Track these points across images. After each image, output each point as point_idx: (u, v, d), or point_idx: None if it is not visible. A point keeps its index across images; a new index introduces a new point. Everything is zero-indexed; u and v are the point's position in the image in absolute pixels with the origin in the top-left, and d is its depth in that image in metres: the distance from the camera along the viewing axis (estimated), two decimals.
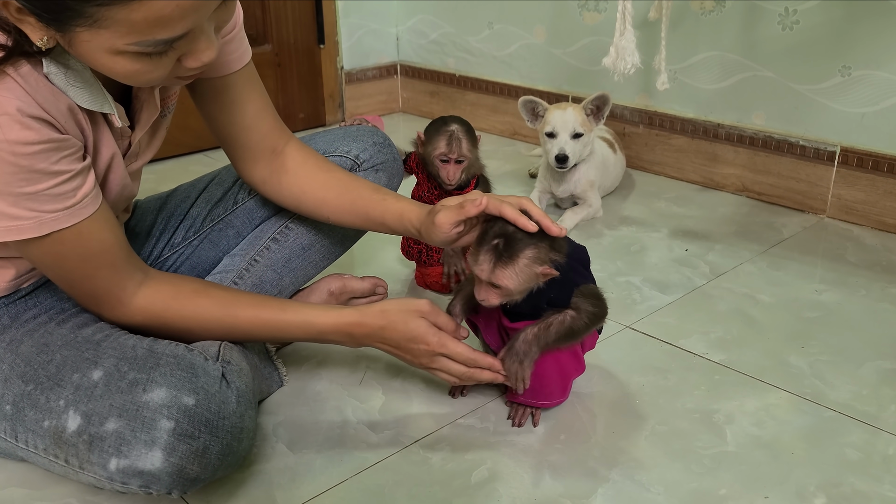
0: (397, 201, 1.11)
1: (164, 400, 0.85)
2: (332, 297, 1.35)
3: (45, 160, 0.81)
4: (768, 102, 1.90)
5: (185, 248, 1.22)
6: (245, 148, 1.13)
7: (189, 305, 1.00)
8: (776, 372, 1.23)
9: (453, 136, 1.39)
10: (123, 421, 0.84)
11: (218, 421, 0.87)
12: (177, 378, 0.87)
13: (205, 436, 0.86)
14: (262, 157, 1.14)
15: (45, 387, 0.89)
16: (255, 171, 1.15)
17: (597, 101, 1.76)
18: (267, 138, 1.13)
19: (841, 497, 0.97)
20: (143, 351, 0.91)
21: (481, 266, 0.97)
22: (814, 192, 1.86)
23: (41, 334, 0.95)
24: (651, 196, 2.01)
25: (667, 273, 1.58)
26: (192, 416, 0.85)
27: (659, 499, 0.97)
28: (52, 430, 0.87)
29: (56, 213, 0.84)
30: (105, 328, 0.97)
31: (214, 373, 0.91)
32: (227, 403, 0.89)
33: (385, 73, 2.78)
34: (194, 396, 0.86)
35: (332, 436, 1.09)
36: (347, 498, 0.98)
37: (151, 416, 0.84)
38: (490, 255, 0.97)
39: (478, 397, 1.18)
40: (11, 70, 0.77)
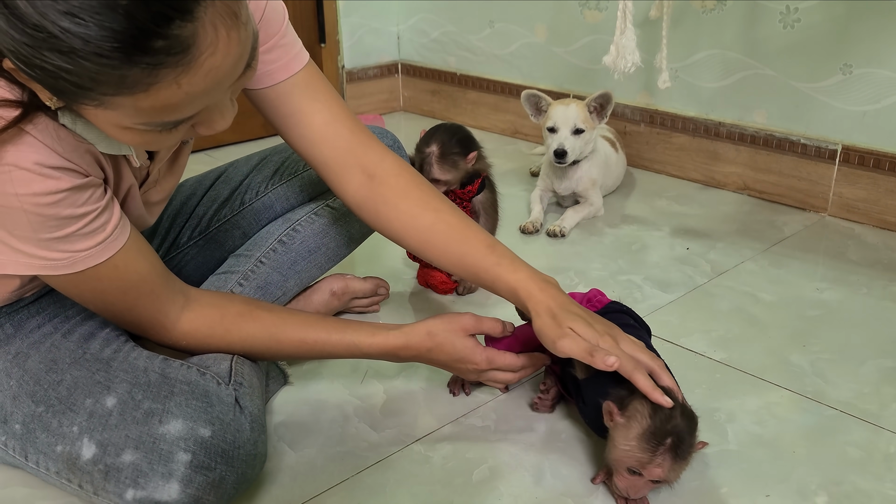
0: (513, 271, 1.01)
1: (180, 432, 0.85)
2: (334, 298, 1.35)
3: (70, 205, 0.79)
4: (769, 101, 1.90)
5: (191, 249, 1.22)
6: (325, 166, 1.05)
7: (234, 329, 0.99)
8: (777, 370, 1.23)
9: (426, 160, 1.38)
10: (140, 453, 0.84)
11: (233, 451, 0.87)
12: (192, 409, 0.87)
13: (221, 466, 0.86)
14: (350, 178, 1.05)
15: (56, 410, 0.88)
16: (345, 192, 1.06)
17: (600, 100, 1.75)
18: (347, 155, 1.04)
19: (842, 495, 0.97)
20: (156, 376, 0.90)
21: (659, 467, 0.89)
22: (815, 190, 1.86)
23: (47, 348, 0.94)
24: (652, 194, 2.00)
25: (668, 271, 1.58)
26: (208, 448, 0.85)
27: (661, 497, 0.97)
28: (65, 455, 0.87)
29: (89, 251, 0.83)
30: (112, 340, 0.96)
31: (228, 399, 0.91)
32: (241, 432, 0.89)
33: (386, 72, 2.78)
34: (210, 428, 0.86)
35: (334, 434, 1.09)
36: (349, 497, 0.98)
37: (168, 448, 0.84)
38: (669, 455, 0.88)
39: (479, 396, 1.18)
40: (28, 125, 0.74)
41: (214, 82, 0.68)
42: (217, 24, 0.64)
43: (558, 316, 0.95)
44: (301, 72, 1.00)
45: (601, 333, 0.94)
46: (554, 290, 0.99)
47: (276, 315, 1.03)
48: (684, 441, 0.89)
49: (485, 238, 1.04)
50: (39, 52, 0.61)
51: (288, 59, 0.99)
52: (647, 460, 0.89)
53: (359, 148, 1.04)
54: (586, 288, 1.44)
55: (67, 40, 0.60)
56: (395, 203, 1.05)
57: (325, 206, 1.25)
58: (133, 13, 0.59)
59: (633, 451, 0.90)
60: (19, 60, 0.63)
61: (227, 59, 0.67)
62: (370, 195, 1.05)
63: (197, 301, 0.99)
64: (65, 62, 0.61)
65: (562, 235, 1.75)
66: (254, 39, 0.71)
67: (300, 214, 1.24)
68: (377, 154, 1.05)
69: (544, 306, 0.97)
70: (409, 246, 1.07)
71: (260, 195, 1.24)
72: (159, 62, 0.62)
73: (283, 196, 1.26)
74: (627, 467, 0.91)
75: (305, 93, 1.01)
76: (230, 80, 0.70)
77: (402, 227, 1.05)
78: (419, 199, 1.05)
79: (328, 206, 1.25)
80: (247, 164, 1.28)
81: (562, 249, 1.70)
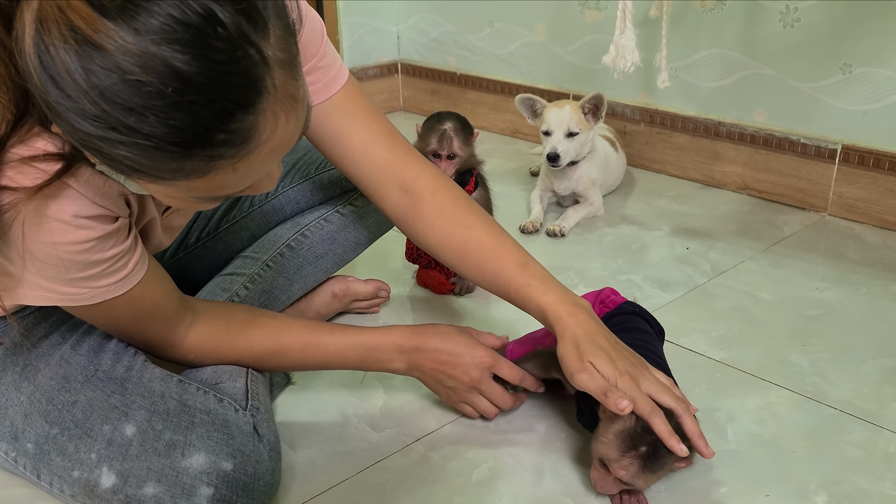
0: (543, 293, 0.99)
1: (203, 466, 0.85)
2: (335, 300, 1.35)
3: (100, 251, 0.79)
4: (769, 100, 1.90)
5: (199, 250, 1.22)
6: (365, 183, 1.06)
7: (240, 338, 1.00)
8: (777, 370, 1.23)
9: (445, 133, 1.41)
10: (163, 487, 0.84)
11: (253, 483, 0.88)
12: (214, 441, 0.87)
13: (242, 499, 0.87)
14: (388, 194, 1.06)
15: (72, 434, 0.88)
16: (385, 207, 1.08)
17: (593, 101, 1.75)
18: (384, 172, 1.04)
19: (842, 495, 0.97)
20: (175, 404, 0.90)
21: (624, 469, 0.90)
22: (815, 189, 1.86)
23: (57, 362, 0.93)
24: (652, 194, 2.00)
25: (668, 271, 1.58)
26: (230, 482, 0.86)
27: (660, 497, 0.97)
28: (82, 481, 0.87)
29: (109, 287, 0.83)
30: (122, 355, 0.95)
31: (247, 427, 0.91)
32: (261, 462, 0.90)
33: (386, 72, 2.78)
34: (232, 461, 0.87)
35: (333, 435, 1.09)
36: (348, 497, 0.98)
37: (191, 482, 0.84)
38: (637, 461, 0.89)
39: None
40: (70, 178, 0.73)
41: (270, 160, 0.68)
42: (277, 110, 0.64)
43: (581, 346, 0.93)
44: (341, 91, 0.99)
45: (621, 373, 0.91)
46: (583, 316, 0.96)
47: (280, 321, 1.04)
48: (658, 456, 0.89)
49: (517, 256, 1.03)
50: (99, 140, 0.60)
51: (327, 80, 0.98)
52: (614, 458, 0.90)
53: (397, 165, 1.05)
54: (586, 288, 1.44)
55: (130, 135, 0.59)
56: (431, 220, 1.05)
57: (335, 212, 1.25)
58: (198, 112, 0.59)
59: (607, 444, 0.91)
60: (75, 140, 0.63)
61: (285, 140, 0.67)
62: (407, 211, 1.06)
63: (202, 314, 0.99)
64: (125, 150, 0.61)
65: (562, 235, 1.75)
66: (307, 110, 0.70)
67: (309, 219, 1.24)
68: (415, 170, 1.06)
69: (570, 333, 0.94)
70: (446, 262, 1.08)
71: (270, 197, 1.24)
72: (219, 154, 0.62)
73: (294, 199, 1.25)
74: (599, 458, 0.92)
75: (344, 113, 1.00)
76: (284, 154, 0.70)
77: (437, 243, 1.06)
78: (453, 217, 1.05)
79: (338, 212, 1.25)
80: None
81: (562, 249, 1.70)
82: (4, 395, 0.91)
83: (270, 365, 1.04)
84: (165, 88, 0.57)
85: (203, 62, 0.57)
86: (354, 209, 1.26)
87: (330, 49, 0.98)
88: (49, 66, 0.58)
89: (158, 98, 0.57)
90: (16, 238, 0.74)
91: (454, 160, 1.42)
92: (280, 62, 0.63)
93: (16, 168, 0.70)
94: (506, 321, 1.38)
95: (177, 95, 0.57)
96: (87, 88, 0.57)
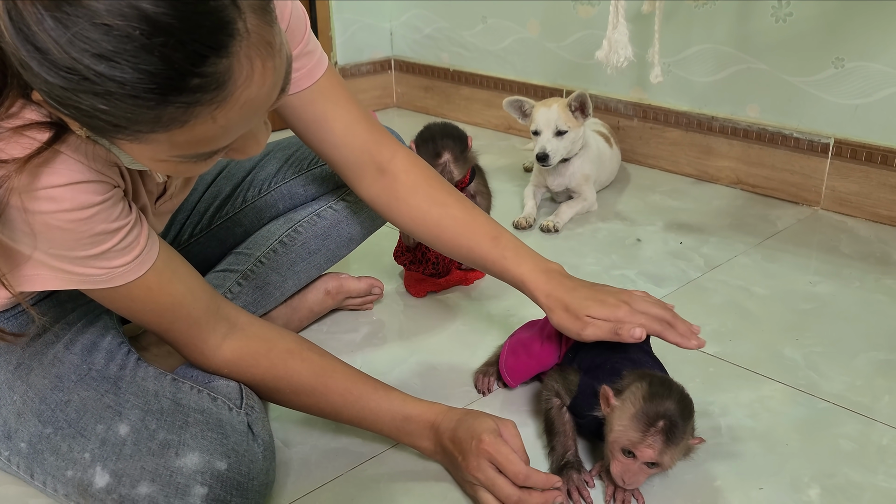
0: (517, 265, 1.05)
1: (197, 466, 0.85)
2: (329, 297, 1.34)
3: (105, 220, 0.78)
4: (762, 95, 1.90)
5: (192, 246, 1.21)
6: (343, 166, 1.08)
7: (281, 365, 0.97)
8: (771, 364, 1.24)
9: (445, 167, 1.39)
10: (157, 486, 0.84)
11: (248, 483, 0.87)
12: (208, 441, 0.87)
13: (236, 499, 0.86)
14: (365, 174, 1.08)
15: (66, 433, 0.88)
16: (361, 188, 1.10)
17: (578, 99, 1.75)
18: (363, 153, 1.07)
19: (835, 487, 0.98)
20: (169, 403, 0.90)
21: (650, 447, 0.89)
22: (808, 184, 1.86)
23: (50, 361, 0.92)
24: (646, 189, 2.01)
25: (661, 266, 1.58)
26: (224, 481, 0.85)
27: (654, 490, 0.97)
28: (76, 480, 0.86)
29: (126, 266, 0.82)
30: (115, 353, 0.95)
31: (241, 426, 0.90)
32: (255, 462, 0.89)
33: (379, 69, 2.77)
34: (226, 461, 0.86)
35: (328, 431, 1.09)
36: (343, 493, 0.98)
37: (185, 482, 0.84)
38: (661, 436, 0.89)
39: (474, 394, 1.18)
40: (61, 145, 0.73)
41: (251, 113, 0.67)
42: (252, 56, 0.63)
43: (571, 306, 1.00)
44: (323, 77, 1.00)
45: (615, 305, 0.98)
46: (559, 277, 1.04)
47: (326, 360, 1.00)
48: (677, 425, 0.89)
49: (489, 230, 1.08)
50: (73, 93, 0.60)
51: (311, 66, 0.99)
52: (638, 440, 0.90)
53: (374, 146, 1.07)
54: None
55: (102, 84, 0.58)
56: (406, 199, 1.08)
57: (328, 208, 1.25)
58: (169, 55, 0.58)
59: (626, 430, 0.91)
60: (52, 99, 0.62)
61: (263, 90, 0.66)
62: (382, 191, 1.09)
63: (244, 330, 0.97)
64: (99, 103, 0.60)
65: (555, 230, 1.75)
66: (287, 64, 0.69)
67: (302, 215, 1.24)
68: (389, 150, 1.08)
69: (555, 299, 1.01)
70: (422, 239, 1.11)
71: (262, 193, 1.23)
72: (195, 100, 0.61)
73: (286, 194, 1.25)
74: (621, 447, 0.91)
75: (328, 98, 1.02)
76: (266, 108, 0.69)
77: (412, 221, 1.10)
78: (427, 195, 1.09)
79: (330, 208, 1.25)
80: (249, 160, 1.27)
81: (555, 244, 1.70)
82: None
83: (305, 402, 0.99)
84: (134, 31, 0.56)
85: (170, 4, 0.57)
86: (347, 205, 1.26)
87: (312, 37, 0.99)
88: (18, 20, 0.58)
89: (128, 42, 0.57)
90: (16, 215, 0.73)
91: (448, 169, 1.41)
92: (251, 7, 0.62)
93: (5, 139, 0.70)
94: (500, 316, 1.38)
95: (146, 38, 0.57)
96: (55, 38, 0.57)
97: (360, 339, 1.33)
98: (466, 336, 1.34)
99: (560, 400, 1.04)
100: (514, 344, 1.17)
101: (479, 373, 1.20)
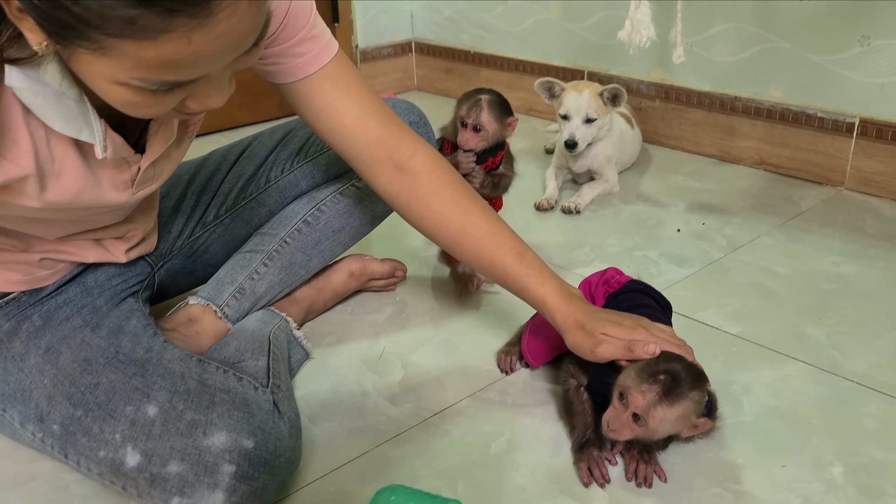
0: (540, 284, 1.02)
1: (225, 445, 0.86)
2: (352, 278, 1.36)
3: None
4: (786, 74, 1.88)
5: (217, 227, 1.23)
6: (357, 159, 1.04)
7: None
8: (793, 343, 1.24)
9: (478, 103, 1.37)
10: (186, 465, 0.86)
11: (275, 460, 0.89)
12: (235, 420, 0.88)
13: (263, 476, 0.88)
14: (381, 172, 1.04)
15: (96, 415, 0.90)
16: (378, 185, 1.06)
17: (612, 92, 1.75)
18: (377, 148, 1.03)
19: (858, 465, 0.98)
20: (195, 384, 0.91)
21: (641, 394, 0.90)
22: (832, 164, 1.85)
23: (79, 344, 0.95)
24: (668, 171, 2.00)
25: (683, 247, 1.58)
26: (251, 459, 0.87)
27: (676, 467, 0.98)
28: (108, 460, 0.88)
29: None
30: (141, 337, 0.97)
31: (266, 405, 0.92)
32: (281, 440, 0.91)
33: (400, 51, 2.77)
34: (253, 439, 0.88)
35: (353, 409, 1.11)
36: (368, 469, 1.00)
37: (214, 460, 0.86)
38: (656, 388, 0.89)
39: (496, 372, 1.19)
40: None
41: (224, 47, 0.65)
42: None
43: (587, 325, 0.98)
44: (331, 63, 0.98)
45: (632, 328, 0.96)
46: (579, 303, 1.02)
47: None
48: (678, 386, 0.89)
49: (514, 245, 1.05)
50: None
51: (317, 50, 0.97)
52: (633, 385, 0.90)
53: (391, 141, 1.03)
54: (602, 264, 1.44)
55: None
56: (427, 202, 1.04)
57: (351, 186, 1.25)
58: None
59: (628, 375, 0.92)
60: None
61: (242, 26, 0.64)
62: (402, 190, 1.05)
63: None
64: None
65: (577, 212, 1.75)
66: (266, 18, 0.69)
67: (325, 194, 1.24)
68: (409, 148, 1.04)
69: (572, 320, 0.99)
70: (440, 244, 1.09)
71: (285, 173, 1.24)
72: (176, 9, 0.58)
73: (309, 173, 1.26)
74: (619, 391, 0.92)
75: (336, 85, 0.99)
76: (238, 52, 0.68)
77: (433, 226, 1.06)
78: (451, 200, 1.05)
79: (353, 186, 1.25)
80: (271, 139, 1.27)
81: (577, 226, 1.70)
82: (29, 377, 0.93)
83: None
84: None
85: None
86: None
87: (319, 20, 0.97)
88: None
89: None
90: None
91: (479, 133, 1.37)
92: None
93: None
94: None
95: None
96: None
97: (383, 320, 1.34)
98: (489, 317, 1.35)
99: (577, 381, 1.05)
100: (535, 325, 1.18)
101: (501, 353, 1.21)
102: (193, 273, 1.24)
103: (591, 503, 0.93)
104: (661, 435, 0.92)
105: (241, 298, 1.18)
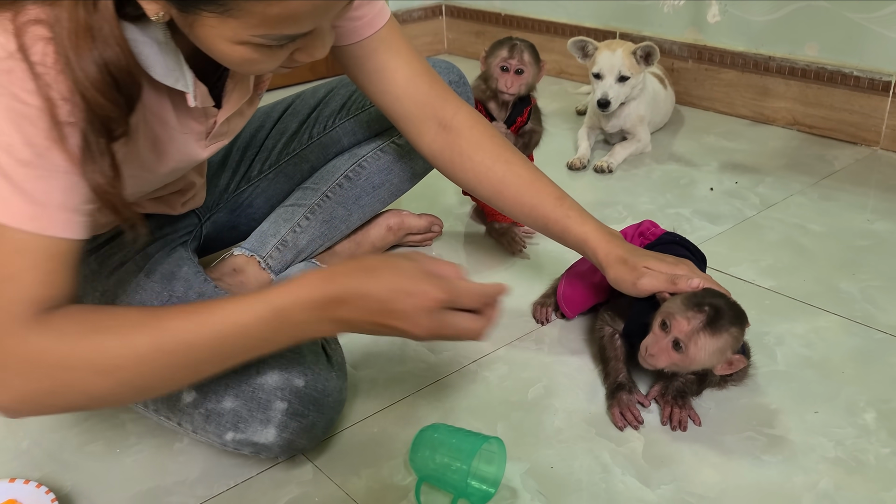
0: (581, 224, 1.05)
1: (277, 383, 0.90)
2: (390, 233, 1.39)
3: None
4: (822, 33, 1.87)
5: (261, 182, 1.26)
6: (404, 119, 1.08)
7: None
8: (826, 297, 1.25)
9: (516, 46, 1.41)
10: (240, 401, 0.89)
11: (323, 399, 0.92)
12: (286, 360, 0.91)
13: (313, 413, 0.91)
14: (427, 129, 1.08)
15: None
16: (422, 143, 1.10)
17: (645, 50, 1.74)
18: (424, 107, 1.07)
19: (891, 412, 1.00)
20: None
21: (685, 321, 0.92)
22: (867, 123, 1.84)
23: (133, 288, 0.98)
24: (700, 131, 2.00)
25: (716, 205, 1.59)
26: (302, 397, 0.90)
27: (710, 412, 1.00)
28: (165, 396, 0.92)
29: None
30: (193, 282, 1.00)
31: (315, 347, 0.95)
32: (329, 381, 0.94)
33: (430, 14, 2.77)
34: (303, 378, 0.91)
35: (393, 357, 1.14)
36: (409, 412, 1.03)
37: (266, 397, 0.89)
38: (700, 317, 0.92)
39: (532, 322, 1.22)
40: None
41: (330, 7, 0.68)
42: None
43: (629, 260, 1.01)
44: (384, 27, 1.01)
45: (675, 263, 1.00)
46: (619, 241, 1.05)
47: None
48: (721, 318, 0.92)
49: (554, 191, 1.08)
50: None
51: (373, 14, 1.00)
52: (678, 312, 0.93)
53: (436, 100, 1.07)
54: (634, 220, 1.46)
55: None
56: (470, 154, 1.08)
57: (391, 143, 1.28)
58: None
59: (672, 304, 0.95)
60: None
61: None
62: (445, 146, 1.08)
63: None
64: None
65: (609, 171, 1.76)
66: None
67: (366, 150, 1.27)
68: (453, 106, 1.08)
69: (614, 256, 1.02)
70: (482, 195, 1.11)
71: (328, 129, 1.27)
72: None
73: (351, 130, 1.28)
74: (662, 319, 0.95)
75: (390, 48, 1.03)
76: (340, 9, 0.71)
77: (475, 177, 1.09)
78: (492, 152, 1.08)
79: (394, 143, 1.28)
80: (314, 97, 1.30)
81: (609, 185, 1.72)
82: None
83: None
84: None
85: None
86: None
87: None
88: None
89: None
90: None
91: (522, 75, 1.41)
92: None
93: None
94: (557, 252, 1.40)
95: None
96: None
97: None
98: (524, 270, 1.37)
99: (612, 328, 1.07)
100: (571, 276, 1.20)
101: (537, 304, 1.23)
102: (237, 226, 1.27)
103: (627, 444, 0.96)
104: (696, 365, 0.95)
105: (283, 250, 1.21)
